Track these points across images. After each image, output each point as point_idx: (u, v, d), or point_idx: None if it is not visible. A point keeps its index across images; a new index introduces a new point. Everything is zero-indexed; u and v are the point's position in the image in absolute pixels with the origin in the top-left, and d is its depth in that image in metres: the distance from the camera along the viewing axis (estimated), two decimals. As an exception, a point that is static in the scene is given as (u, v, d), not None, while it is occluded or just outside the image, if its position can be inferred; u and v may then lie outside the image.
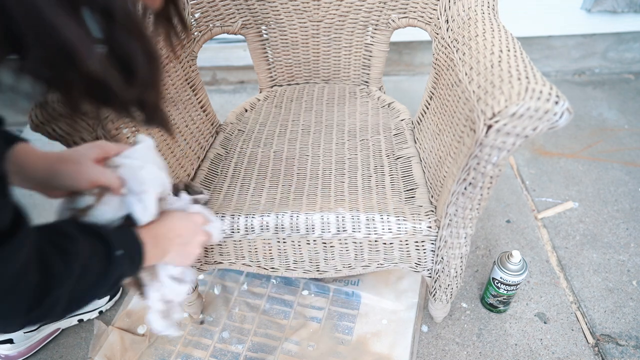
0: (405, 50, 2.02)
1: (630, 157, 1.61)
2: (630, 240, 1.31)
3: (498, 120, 0.57)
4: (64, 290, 0.48)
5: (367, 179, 0.93)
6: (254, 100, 1.21)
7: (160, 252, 0.67)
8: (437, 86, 0.91)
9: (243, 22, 1.13)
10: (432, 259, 0.89)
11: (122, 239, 0.58)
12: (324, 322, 1.11)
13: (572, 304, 1.15)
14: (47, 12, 0.27)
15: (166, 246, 0.68)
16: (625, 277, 1.21)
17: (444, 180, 0.79)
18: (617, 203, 1.43)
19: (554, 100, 0.55)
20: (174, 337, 1.09)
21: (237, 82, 2.08)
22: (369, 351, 1.05)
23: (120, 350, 1.05)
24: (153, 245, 0.63)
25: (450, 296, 0.98)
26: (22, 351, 1.03)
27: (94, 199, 0.62)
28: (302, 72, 1.26)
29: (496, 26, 0.76)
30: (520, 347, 1.06)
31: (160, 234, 0.67)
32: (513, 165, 1.59)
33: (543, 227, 1.36)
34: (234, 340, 1.08)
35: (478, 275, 1.22)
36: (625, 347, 1.06)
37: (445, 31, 0.89)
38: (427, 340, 1.08)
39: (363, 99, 1.19)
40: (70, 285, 0.48)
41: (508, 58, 0.64)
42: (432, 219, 0.83)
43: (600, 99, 1.92)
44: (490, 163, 0.64)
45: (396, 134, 1.05)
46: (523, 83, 0.57)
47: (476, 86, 0.64)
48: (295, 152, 1.01)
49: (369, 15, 1.12)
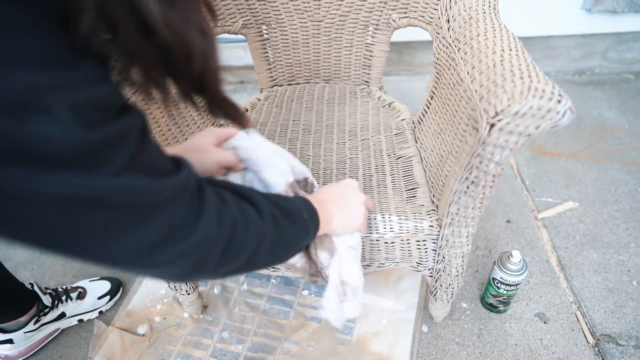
0: (405, 50, 2.02)
1: (630, 157, 1.61)
2: (630, 240, 1.31)
3: (501, 118, 0.57)
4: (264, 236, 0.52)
5: (368, 179, 0.93)
6: (255, 100, 1.21)
7: (327, 216, 0.68)
8: (438, 86, 0.91)
9: (244, 22, 1.13)
10: (433, 258, 0.89)
11: (299, 204, 0.62)
12: (324, 322, 1.11)
13: (572, 304, 1.15)
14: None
15: (331, 209, 0.70)
16: (626, 277, 1.21)
17: (446, 179, 0.79)
18: (617, 203, 1.43)
19: (557, 99, 0.55)
20: (175, 337, 1.09)
21: (237, 82, 2.08)
22: (369, 351, 1.05)
23: (120, 350, 1.05)
24: (320, 208, 0.66)
25: (451, 296, 0.97)
26: (22, 351, 1.02)
27: (223, 179, 0.66)
28: (302, 72, 1.25)
29: (497, 26, 0.76)
30: (520, 347, 1.06)
31: (322, 199, 0.69)
32: (513, 165, 1.59)
33: (543, 227, 1.36)
34: (234, 340, 1.08)
35: (478, 275, 1.22)
36: (626, 347, 1.06)
37: (446, 31, 0.89)
38: (427, 340, 1.08)
39: (364, 99, 1.19)
40: (269, 235, 0.53)
41: (510, 57, 0.64)
42: (434, 218, 0.83)
43: (600, 99, 1.92)
44: (492, 161, 0.64)
45: (397, 133, 1.05)
46: (526, 82, 0.57)
47: (478, 85, 0.64)
48: (296, 152, 1.01)
49: (370, 15, 1.12)
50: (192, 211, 0.44)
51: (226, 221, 0.47)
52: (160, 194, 0.40)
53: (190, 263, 0.44)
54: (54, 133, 0.30)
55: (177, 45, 0.37)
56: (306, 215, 0.61)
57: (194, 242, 0.43)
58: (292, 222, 0.58)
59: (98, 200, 0.35)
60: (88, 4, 0.31)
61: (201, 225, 0.44)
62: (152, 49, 0.36)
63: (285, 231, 0.57)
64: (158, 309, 1.15)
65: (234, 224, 0.48)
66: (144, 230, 0.40)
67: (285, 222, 0.57)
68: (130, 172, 0.36)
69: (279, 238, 0.55)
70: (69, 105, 0.31)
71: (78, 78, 0.32)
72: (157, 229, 0.41)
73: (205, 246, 0.45)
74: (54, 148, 0.31)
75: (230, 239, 0.47)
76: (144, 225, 0.40)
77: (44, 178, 0.31)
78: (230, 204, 0.49)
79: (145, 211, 0.39)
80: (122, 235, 0.39)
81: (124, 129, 0.36)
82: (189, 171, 0.45)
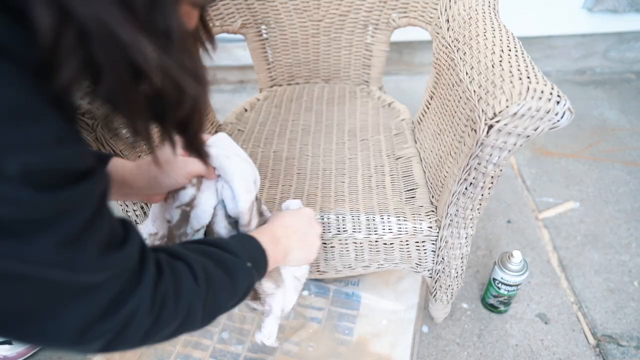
0: (405, 50, 2.02)
1: (631, 157, 1.60)
2: (631, 241, 1.31)
3: (499, 120, 0.57)
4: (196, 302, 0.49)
5: (367, 179, 0.92)
6: (254, 100, 1.21)
7: (282, 252, 0.67)
8: (437, 86, 0.91)
9: (243, 22, 1.13)
10: (432, 260, 0.88)
11: (245, 248, 0.60)
12: (324, 323, 1.11)
13: (573, 305, 1.15)
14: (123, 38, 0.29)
15: (287, 244, 0.68)
16: (627, 278, 1.21)
17: (445, 180, 0.79)
18: (618, 203, 1.43)
19: (555, 100, 0.55)
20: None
21: (236, 82, 2.07)
22: (369, 352, 1.05)
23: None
24: (274, 246, 0.64)
25: (450, 297, 0.97)
26: (21, 352, 1.02)
27: (195, 189, 0.65)
28: (302, 71, 1.25)
29: (497, 26, 0.75)
30: (521, 347, 1.06)
31: (278, 234, 0.68)
32: (514, 165, 1.59)
33: (544, 227, 1.36)
34: (234, 341, 1.08)
35: (479, 275, 1.22)
36: (627, 347, 1.05)
37: (445, 31, 0.89)
38: (427, 340, 1.08)
39: (363, 99, 1.18)
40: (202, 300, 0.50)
41: (509, 58, 0.64)
42: (433, 219, 0.82)
43: (601, 99, 1.92)
44: (491, 163, 0.64)
45: (396, 133, 1.05)
46: (524, 83, 0.57)
47: (477, 86, 0.64)
48: (295, 152, 1.01)
49: (369, 15, 1.12)
50: (129, 286, 0.42)
51: (159, 296, 0.45)
52: (101, 274, 0.38)
53: (116, 336, 0.42)
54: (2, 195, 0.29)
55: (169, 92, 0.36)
56: (251, 263, 0.59)
57: (125, 317, 0.41)
58: (231, 276, 0.55)
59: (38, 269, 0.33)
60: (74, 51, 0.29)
61: (134, 300, 0.42)
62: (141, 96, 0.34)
63: (222, 288, 0.54)
64: (157, 309, 1.15)
65: (165, 297, 0.46)
66: (79, 309, 0.38)
67: (223, 279, 0.54)
68: (75, 246, 0.34)
69: (215, 297, 0.53)
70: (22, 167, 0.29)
71: (39, 138, 0.30)
72: (93, 308, 0.39)
73: (134, 321, 0.43)
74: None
75: (160, 313, 0.46)
76: (80, 304, 0.37)
77: None
78: (165, 274, 0.46)
79: (82, 290, 0.37)
80: (55, 313, 0.36)
81: (81, 196, 0.34)
82: (134, 242, 0.43)
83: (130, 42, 0.30)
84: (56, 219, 0.32)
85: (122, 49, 0.30)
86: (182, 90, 0.37)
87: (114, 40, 0.29)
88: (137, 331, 0.44)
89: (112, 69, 0.31)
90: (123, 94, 0.33)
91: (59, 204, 0.32)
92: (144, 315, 0.43)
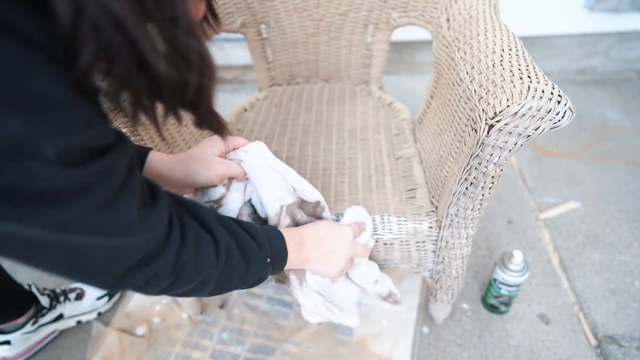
0: (406, 50, 2.02)
1: (632, 156, 1.60)
2: (632, 241, 1.30)
3: (500, 119, 0.56)
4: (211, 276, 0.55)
5: (367, 179, 0.92)
6: (254, 100, 1.20)
7: (301, 258, 0.70)
8: (438, 85, 0.90)
9: (242, 21, 1.12)
10: (433, 260, 0.88)
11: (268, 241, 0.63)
12: (324, 323, 1.10)
13: (574, 305, 1.14)
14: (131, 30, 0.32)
15: (308, 252, 0.70)
16: (628, 278, 1.20)
17: (445, 180, 0.78)
18: (619, 203, 1.42)
19: (556, 100, 0.54)
20: (174, 338, 1.08)
21: (236, 82, 2.07)
22: (370, 352, 1.04)
23: (118, 352, 1.05)
24: (297, 251, 0.68)
25: (451, 297, 0.97)
26: (19, 352, 1.02)
27: (225, 189, 0.69)
28: (302, 71, 1.25)
29: (497, 25, 0.75)
30: (521, 348, 1.05)
31: (305, 239, 0.70)
32: (514, 165, 1.58)
33: (545, 227, 1.35)
34: (234, 342, 1.07)
35: (479, 276, 1.22)
36: (628, 348, 1.05)
37: (446, 30, 0.88)
38: (427, 341, 1.07)
39: (363, 99, 1.18)
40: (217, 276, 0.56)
41: (510, 57, 0.64)
42: (433, 219, 0.82)
43: (602, 98, 1.91)
44: (492, 163, 0.63)
45: (397, 133, 1.04)
46: (525, 82, 0.56)
47: (477, 85, 0.64)
48: (295, 151, 1.01)
49: (369, 14, 1.11)
50: (157, 247, 0.48)
51: (179, 262, 0.50)
52: (135, 236, 0.43)
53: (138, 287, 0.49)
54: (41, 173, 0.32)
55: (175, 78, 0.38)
56: (270, 259, 0.63)
57: (147, 276, 0.48)
58: (249, 266, 0.60)
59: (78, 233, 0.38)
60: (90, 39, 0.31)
61: (158, 263, 0.48)
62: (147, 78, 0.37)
63: (237, 273, 0.59)
64: (157, 310, 1.15)
65: (185, 265, 0.51)
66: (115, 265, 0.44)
67: (240, 265, 0.58)
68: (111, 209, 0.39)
69: (228, 277, 0.58)
70: (59, 150, 0.32)
71: (69, 123, 0.33)
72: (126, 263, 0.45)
73: (155, 280, 0.49)
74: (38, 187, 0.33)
75: (179, 274, 0.51)
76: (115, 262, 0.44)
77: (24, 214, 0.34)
78: (189, 243, 0.51)
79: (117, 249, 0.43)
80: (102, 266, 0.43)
81: (108, 166, 0.38)
82: (163, 205, 0.48)
83: (137, 33, 0.33)
84: (90, 188, 0.37)
85: (130, 40, 0.32)
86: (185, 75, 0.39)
87: (122, 31, 0.32)
88: (155, 287, 0.50)
89: (121, 56, 0.33)
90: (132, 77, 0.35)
91: (91, 175, 0.36)
92: (163, 277, 0.49)
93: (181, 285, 0.53)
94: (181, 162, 0.67)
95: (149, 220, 0.45)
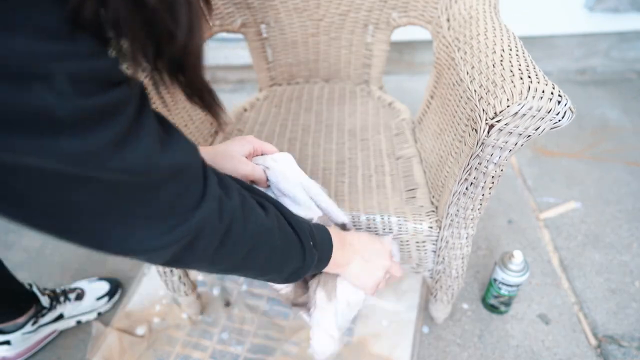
0: (406, 50, 2.02)
1: (632, 156, 1.60)
2: (632, 241, 1.30)
3: (500, 119, 0.56)
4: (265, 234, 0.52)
5: (367, 179, 0.92)
6: (254, 100, 1.20)
7: (344, 259, 0.68)
8: (438, 85, 0.90)
9: (242, 21, 1.12)
10: (433, 260, 0.88)
11: (316, 231, 0.62)
12: (324, 323, 1.10)
13: (574, 305, 1.14)
14: None
15: (350, 255, 0.69)
16: (628, 278, 1.20)
17: (445, 180, 0.78)
18: (619, 203, 1.42)
19: (556, 100, 0.54)
20: (174, 338, 1.08)
21: (236, 82, 2.07)
22: (370, 352, 1.04)
23: (118, 352, 1.05)
24: (339, 249, 0.66)
25: (451, 297, 0.97)
26: (19, 352, 1.02)
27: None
28: (302, 71, 1.25)
29: (497, 25, 0.75)
30: (521, 348, 1.05)
31: (348, 241, 0.69)
32: (514, 165, 1.58)
33: (545, 227, 1.35)
34: (233, 342, 1.07)
35: (479, 276, 1.22)
36: (628, 348, 1.05)
37: (446, 30, 0.88)
38: (427, 341, 1.07)
39: (363, 99, 1.18)
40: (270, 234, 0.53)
41: (510, 57, 0.64)
42: (433, 219, 0.82)
43: (602, 98, 1.91)
44: (492, 163, 0.63)
45: (397, 133, 1.04)
46: (525, 82, 0.56)
47: (478, 85, 0.64)
48: (295, 151, 1.01)
49: (369, 14, 1.11)
50: (194, 194, 0.44)
51: (226, 213, 0.47)
52: (160, 169, 0.40)
53: (186, 245, 0.44)
54: (53, 101, 0.31)
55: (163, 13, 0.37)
56: (312, 242, 0.60)
57: (192, 226, 0.43)
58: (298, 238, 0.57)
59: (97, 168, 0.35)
60: None
61: (201, 210, 0.44)
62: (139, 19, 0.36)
63: (288, 242, 0.56)
64: (157, 310, 1.15)
65: (234, 217, 0.48)
66: (143, 208, 0.40)
67: (290, 234, 0.56)
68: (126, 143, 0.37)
69: (281, 246, 0.55)
70: (68, 75, 0.31)
71: (77, 50, 0.32)
72: (157, 207, 0.41)
73: (203, 232, 0.45)
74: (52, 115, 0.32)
75: (227, 231, 0.47)
76: (144, 202, 0.40)
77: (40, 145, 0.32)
78: (234, 197, 0.48)
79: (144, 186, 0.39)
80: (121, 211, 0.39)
81: (121, 99, 0.36)
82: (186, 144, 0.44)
83: None
84: (104, 119, 0.35)
85: None
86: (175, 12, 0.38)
87: None
88: (205, 247, 0.46)
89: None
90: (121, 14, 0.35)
91: (105, 105, 0.34)
92: (211, 231, 0.45)
93: (233, 249, 0.49)
94: (207, 154, 0.65)
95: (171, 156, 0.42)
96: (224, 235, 0.47)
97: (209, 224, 0.45)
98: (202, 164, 0.47)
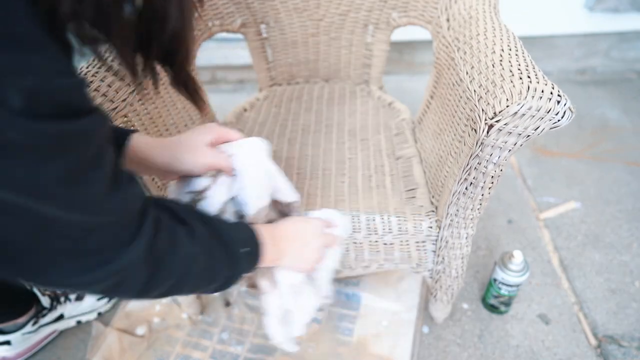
0: (406, 50, 2.02)
1: (632, 156, 1.60)
2: (632, 241, 1.30)
3: (499, 119, 0.56)
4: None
5: (367, 179, 0.92)
6: (254, 100, 1.20)
7: (277, 253, 0.67)
8: (438, 85, 0.90)
9: (242, 21, 1.13)
10: (433, 260, 0.88)
11: (244, 235, 0.60)
12: (324, 323, 1.10)
13: (574, 305, 1.14)
14: None
15: (284, 247, 0.68)
16: (628, 278, 1.20)
17: (445, 180, 0.78)
18: (619, 203, 1.42)
19: (556, 100, 0.54)
20: (174, 338, 1.08)
21: (236, 82, 2.07)
22: (370, 352, 1.04)
23: (118, 352, 1.05)
24: (271, 245, 0.64)
25: (451, 297, 0.97)
26: (20, 352, 1.02)
27: (209, 181, 0.65)
28: (302, 71, 1.25)
29: (497, 25, 0.75)
30: (521, 348, 1.05)
31: (279, 235, 0.68)
32: (514, 164, 1.58)
33: (545, 227, 1.35)
34: (234, 342, 1.07)
35: (479, 275, 1.22)
36: (628, 348, 1.05)
37: (446, 30, 0.88)
38: (427, 341, 1.07)
39: (363, 99, 1.18)
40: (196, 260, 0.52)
41: (509, 57, 0.64)
42: (433, 219, 0.82)
43: (602, 98, 1.91)
44: (491, 163, 0.63)
45: (397, 133, 1.04)
46: (525, 82, 0.56)
47: (477, 85, 0.64)
48: (295, 152, 1.01)
49: (369, 14, 1.11)
50: (124, 238, 0.44)
51: (155, 254, 0.47)
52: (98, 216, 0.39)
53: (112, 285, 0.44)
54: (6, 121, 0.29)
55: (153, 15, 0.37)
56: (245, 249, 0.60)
57: (118, 267, 0.43)
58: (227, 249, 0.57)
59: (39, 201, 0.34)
60: None
61: (129, 253, 0.44)
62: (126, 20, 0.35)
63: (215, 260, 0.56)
64: (157, 310, 1.15)
65: (162, 256, 0.48)
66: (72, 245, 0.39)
67: (217, 250, 0.55)
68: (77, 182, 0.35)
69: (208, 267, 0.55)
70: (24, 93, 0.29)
71: (39, 65, 0.30)
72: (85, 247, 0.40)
73: (127, 272, 0.45)
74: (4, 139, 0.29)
75: (155, 271, 0.47)
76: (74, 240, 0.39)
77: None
78: (162, 235, 0.48)
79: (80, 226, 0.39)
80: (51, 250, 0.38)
81: (80, 133, 0.34)
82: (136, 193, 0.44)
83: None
84: (60, 152, 0.33)
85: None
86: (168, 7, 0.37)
87: None
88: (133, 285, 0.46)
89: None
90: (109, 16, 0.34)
91: (61, 136, 0.32)
92: (137, 268, 0.45)
93: (161, 280, 0.49)
94: (167, 145, 0.64)
95: (114, 203, 0.41)
96: (149, 276, 0.47)
97: (134, 266, 0.45)
98: (144, 205, 0.46)
